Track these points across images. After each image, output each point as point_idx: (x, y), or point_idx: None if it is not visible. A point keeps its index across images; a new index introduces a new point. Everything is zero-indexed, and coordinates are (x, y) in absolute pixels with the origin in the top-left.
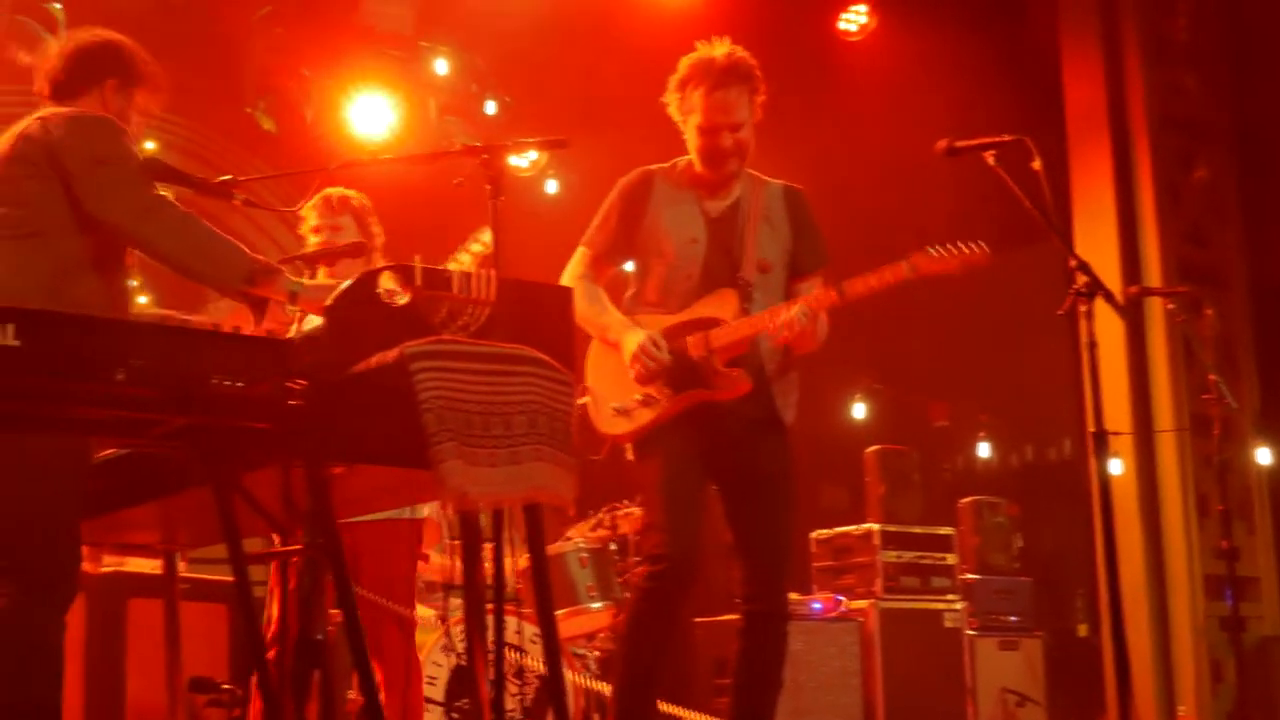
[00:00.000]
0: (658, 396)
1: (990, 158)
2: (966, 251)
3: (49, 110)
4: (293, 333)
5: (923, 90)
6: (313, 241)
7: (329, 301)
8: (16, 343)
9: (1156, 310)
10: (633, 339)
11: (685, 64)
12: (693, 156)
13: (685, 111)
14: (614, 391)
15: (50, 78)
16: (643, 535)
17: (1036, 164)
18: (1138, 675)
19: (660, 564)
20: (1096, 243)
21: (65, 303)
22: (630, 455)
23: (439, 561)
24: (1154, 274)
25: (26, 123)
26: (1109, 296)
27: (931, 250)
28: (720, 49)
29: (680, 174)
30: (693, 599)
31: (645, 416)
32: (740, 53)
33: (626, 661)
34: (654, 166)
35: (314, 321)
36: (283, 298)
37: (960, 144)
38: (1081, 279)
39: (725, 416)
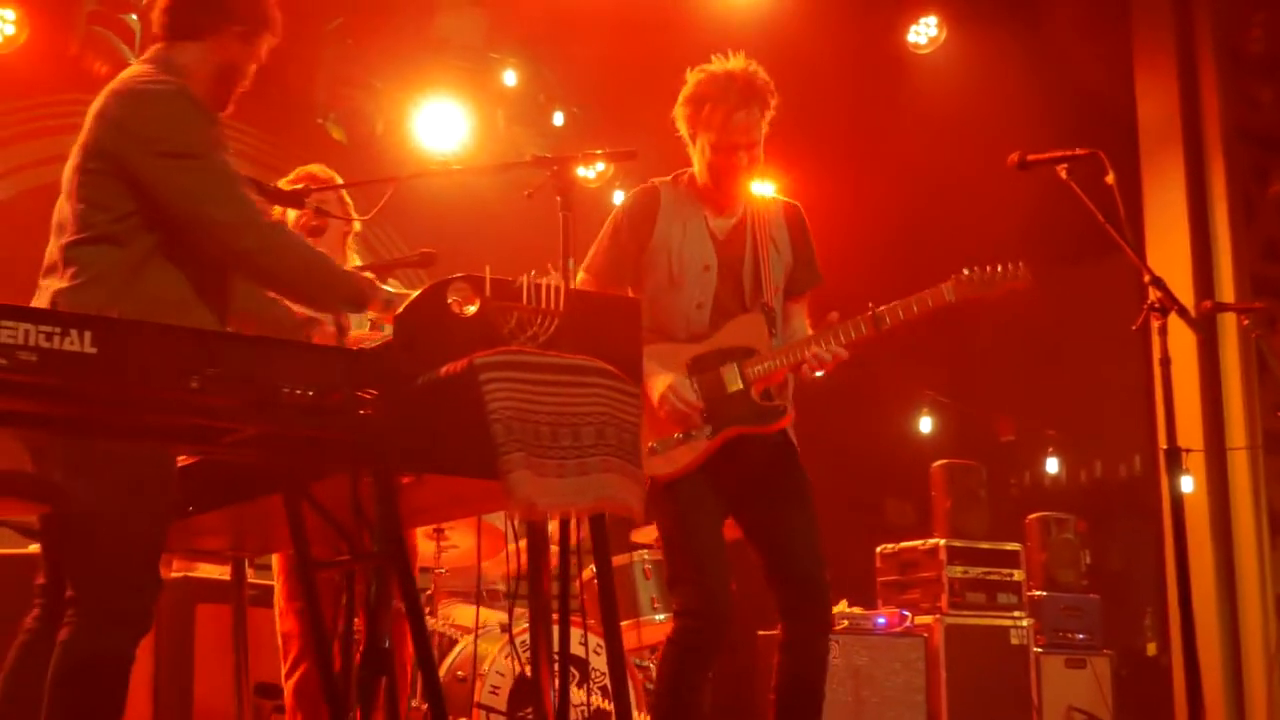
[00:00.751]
0: (696, 435)
1: (1063, 171)
2: (1008, 274)
3: (121, 79)
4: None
5: (993, 103)
6: (292, 214)
7: (399, 311)
8: (93, 350)
9: (1230, 326)
10: (661, 381)
11: (700, 80)
12: (700, 172)
13: (699, 128)
14: (647, 428)
15: (164, 13)
16: (670, 585)
17: (1110, 178)
18: (1209, 696)
19: (693, 619)
20: (1169, 257)
21: (140, 302)
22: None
23: (502, 570)
24: (1227, 289)
25: (102, 98)
26: (1183, 312)
27: (970, 273)
28: (737, 65)
29: (686, 189)
30: (755, 611)
31: (685, 457)
32: (757, 69)
33: (664, 714)
34: (658, 181)
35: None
36: (379, 308)
37: (1033, 157)
38: (1155, 294)
39: (743, 443)
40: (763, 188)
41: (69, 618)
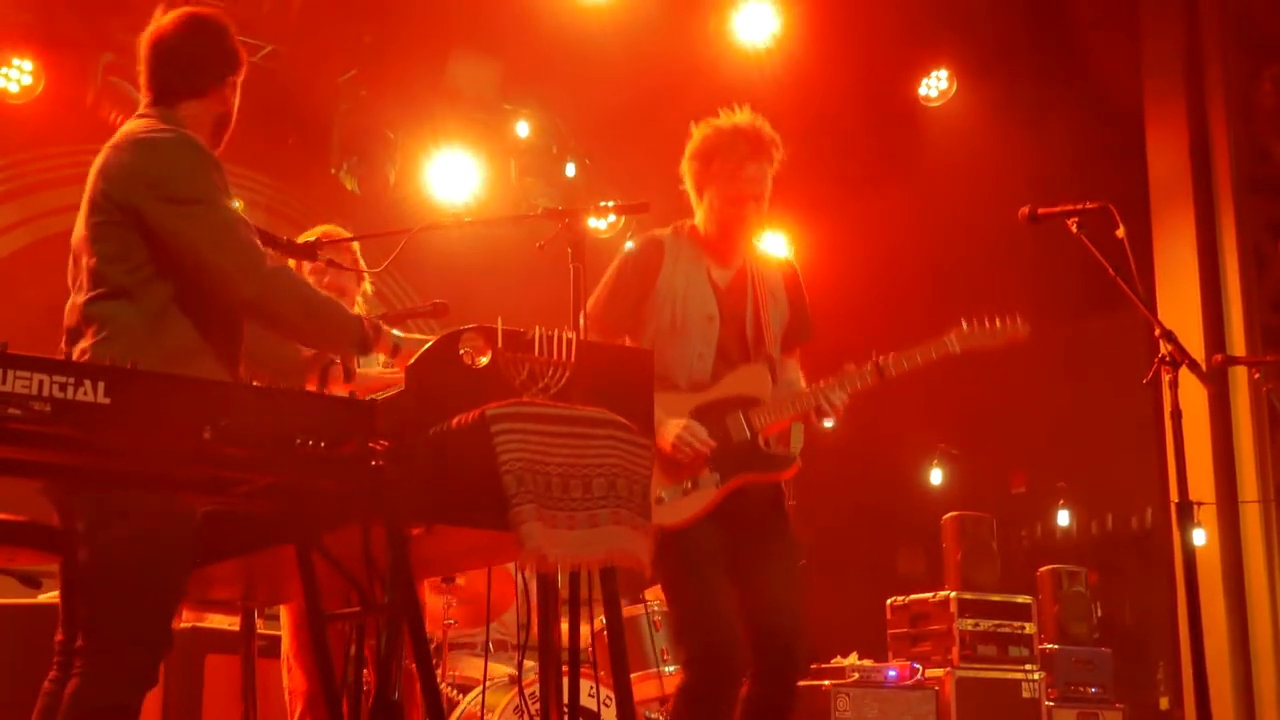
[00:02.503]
0: (704, 484)
1: (1073, 225)
2: (1007, 328)
3: (122, 133)
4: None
5: (1004, 156)
6: (310, 281)
7: (409, 357)
8: (107, 400)
9: (1241, 379)
10: (673, 426)
11: (708, 134)
12: (706, 223)
13: (708, 180)
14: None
15: (163, 73)
16: (676, 636)
17: (1120, 232)
18: None
19: (701, 669)
20: (1179, 310)
21: (156, 354)
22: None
23: (513, 622)
24: (1239, 342)
25: (104, 153)
26: (1194, 365)
27: (970, 326)
28: (744, 119)
29: (688, 240)
30: None
31: (694, 506)
32: (764, 123)
33: None
34: (660, 233)
35: None
36: (388, 352)
37: (1043, 210)
38: (1166, 347)
39: (745, 494)
40: (773, 238)
41: (77, 668)
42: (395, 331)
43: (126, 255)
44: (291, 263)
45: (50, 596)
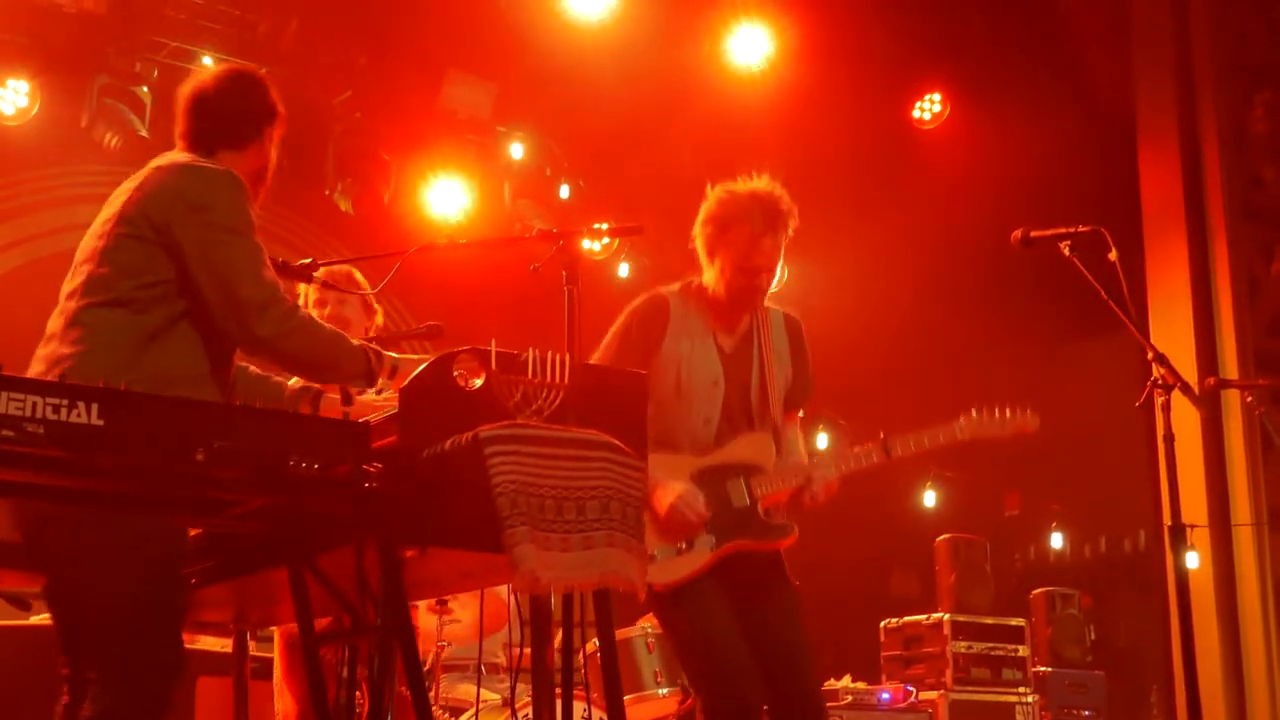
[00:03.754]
0: (699, 547)
1: (1066, 248)
2: (1016, 419)
3: (168, 159)
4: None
5: (996, 179)
6: (314, 314)
7: (404, 380)
8: (100, 422)
9: (1234, 402)
10: (671, 490)
11: (724, 200)
12: (715, 287)
13: (721, 247)
14: (649, 535)
15: (203, 122)
16: (695, 689)
17: (1113, 255)
18: None
19: (724, 714)
20: (1172, 334)
21: (146, 372)
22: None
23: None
24: (1231, 366)
25: (146, 173)
26: (1186, 389)
27: (980, 414)
28: (762, 188)
29: (695, 301)
30: None
31: (687, 568)
32: (782, 193)
33: None
34: (666, 291)
35: None
36: (386, 374)
37: (1036, 234)
38: (1158, 371)
39: (741, 559)
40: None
41: (91, 696)
42: (391, 353)
43: (143, 270)
44: (302, 290)
45: (42, 619)
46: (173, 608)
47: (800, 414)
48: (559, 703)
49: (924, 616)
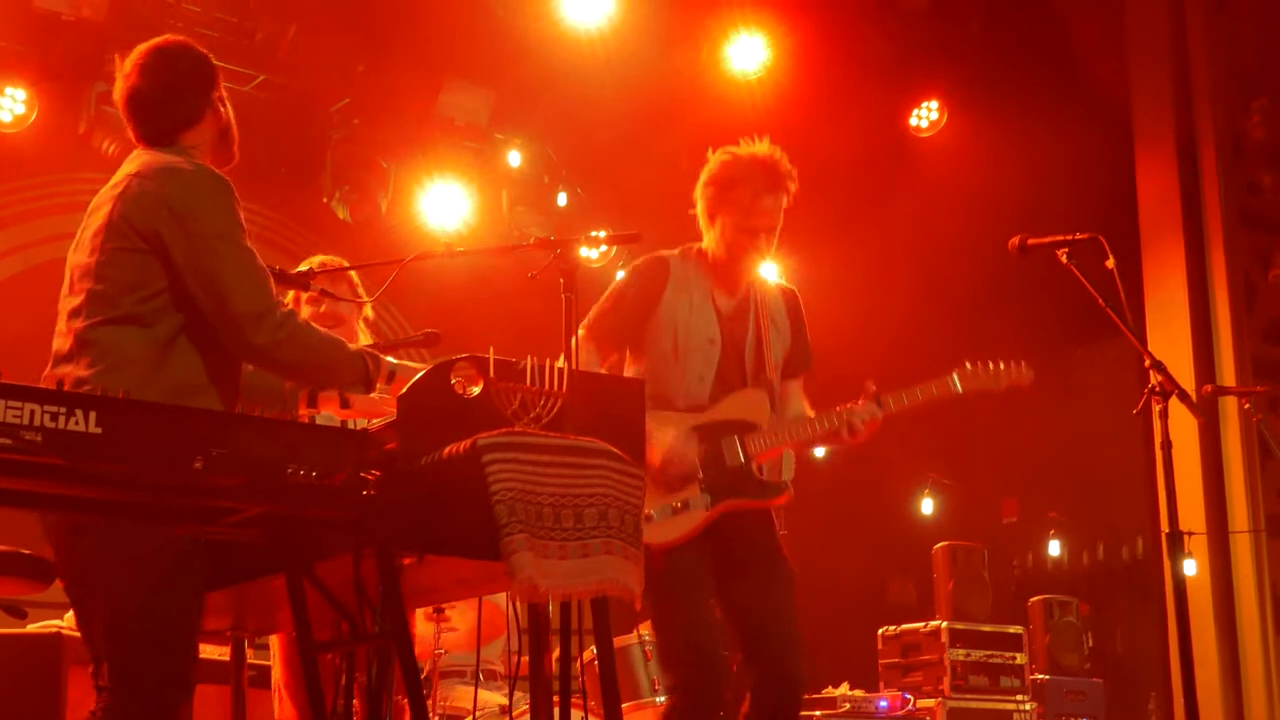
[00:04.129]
0: (694, 505)
1: (1063, 255)
2: (1010, 372)
3: (144, 163)
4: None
5: (994, 186)
6: (307, 311)
7: (401, 387)
8: (98, 430)
9: (1231, 409)
10: (660, 441)
11: (726, 162)
12: (715, 249)
13: (722, 208)
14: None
15: (149, 119)
16: (662, 662)
17: (1110, 262)
18: None
19: (687, 696)
20: (1169, 340)
21: (165, 384)
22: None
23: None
24: (1228, 373)
25: (123, 180)
26: (1184, 396)
27: (974, 367)
28: (763, 150)
29: (695, 263)
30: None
31: (683, 527)
32: (782, 155)
33: None
34: (667, 253)
35: None
36: (384, 380)
37: (1033, 241)
38: (1156, 378)
39: (736, 518)
40: (765, 269)
41: (103, 705)
42: (389, 358)
43: (142, 283)
44: (290, 295)
45: (38, 627)
46: (187, 620)
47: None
48: (557, 711)
49: (922, 624)
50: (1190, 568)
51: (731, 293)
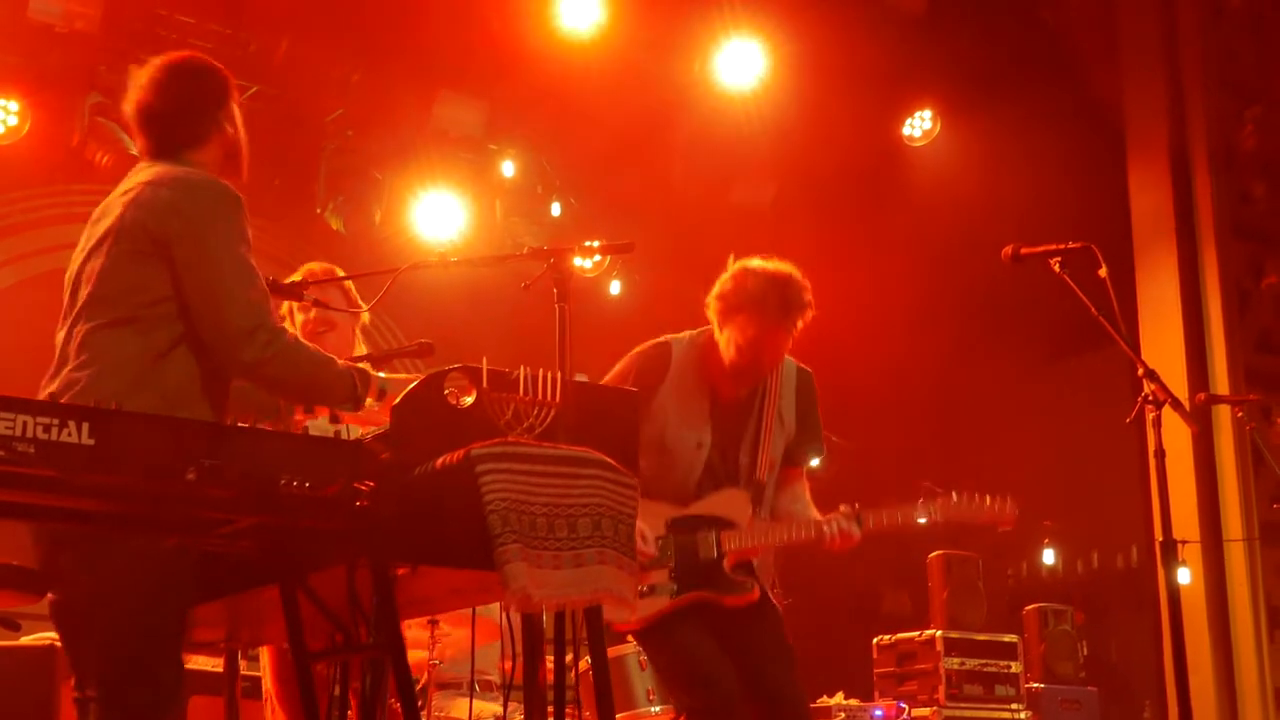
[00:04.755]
0: (659, 591)
1: (1056, 264)
2: (995, 508)
3: (155, 172)
4: None
5: (987, 195)
6: (300, 318)
7: (394, 400)
8: (91, 442)
9: (1225, 418)
10: (641, 524)
11: (745, 281)
12: (724, 350)
13: (729, 324)
14: None
15: (161, 131)
16: (679, 699)
17: (1103, 271)
18: None
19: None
20: (1163, 349)
21: (157, 391)
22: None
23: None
24: (1222, 381)
25: (136, 187)
26: (1177, 404)
27: (960, 498)
28: (782, 276)
29: (702, 353)
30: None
31: (648, 609)
32: (801, 286)
33: None
34: (673, 340)
35: None
36: (374, 396)
37: (1026, 251)
38: (1149, 387)
39: (708, 604)
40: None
41: (91, 716)
42: (380, 374)
43: (147, 286)
44: (285, 306)
45: (32, 639)
46: (174, 633)
47: (805, 469)
48: None
49: (916, 633)
50: (1184, 576)
51: (739, 385)
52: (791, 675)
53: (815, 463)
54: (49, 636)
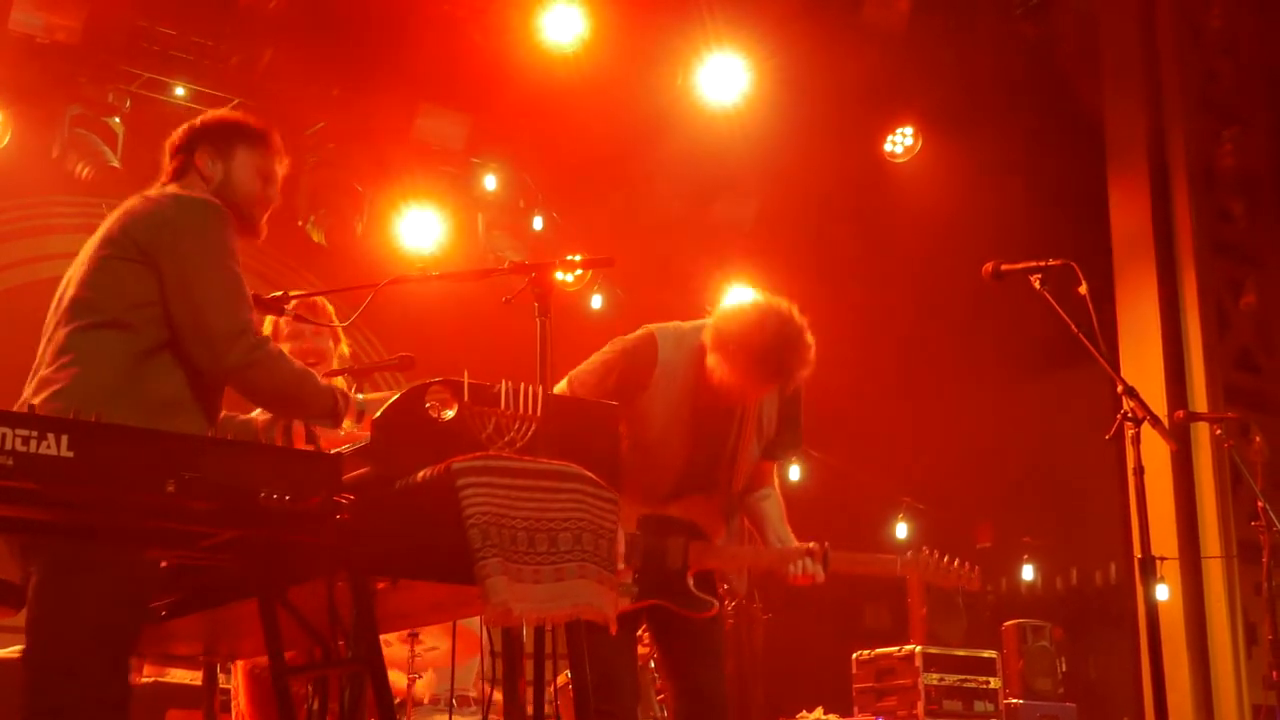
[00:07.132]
0: (623, 591)
1: (1036, 281)
2: (960, 572)
3: (156, 188)
4: None
5: (968, 212)
6: (287, 347)
7: (377, 415)
8: (70, 454)
9: (1203, 435)
10: None
11: (750, 333)
12: (713, 367)
13: (723, 358)
14: None
15: (163, 170)
16: (595, 692)
17: (1083, 288)
18: None
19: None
20: (1142, 367)
21: (141, 398)
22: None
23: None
24: (1200, 399)
25: (131, 200)
26: (1156, 422)
27: (926, 555)
28: (793, 337)
29: (688, 359)
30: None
31: None
32: (806, 349)
33: None
34: (658, 332)
35: None
36: (354, 419)
37: (1006, 267)
38: (1128, 404)
39: (663, 610)
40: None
41: None
42: (360, 396)
43: (131, 291)
44: (268, 323)
45: (9, 652)
46: (124, 646)
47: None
48: None
49: (896, 648)
50: (1163, 593)
51: (721, 399)
52: (719, 675)
53: (795, 475)
54: None
